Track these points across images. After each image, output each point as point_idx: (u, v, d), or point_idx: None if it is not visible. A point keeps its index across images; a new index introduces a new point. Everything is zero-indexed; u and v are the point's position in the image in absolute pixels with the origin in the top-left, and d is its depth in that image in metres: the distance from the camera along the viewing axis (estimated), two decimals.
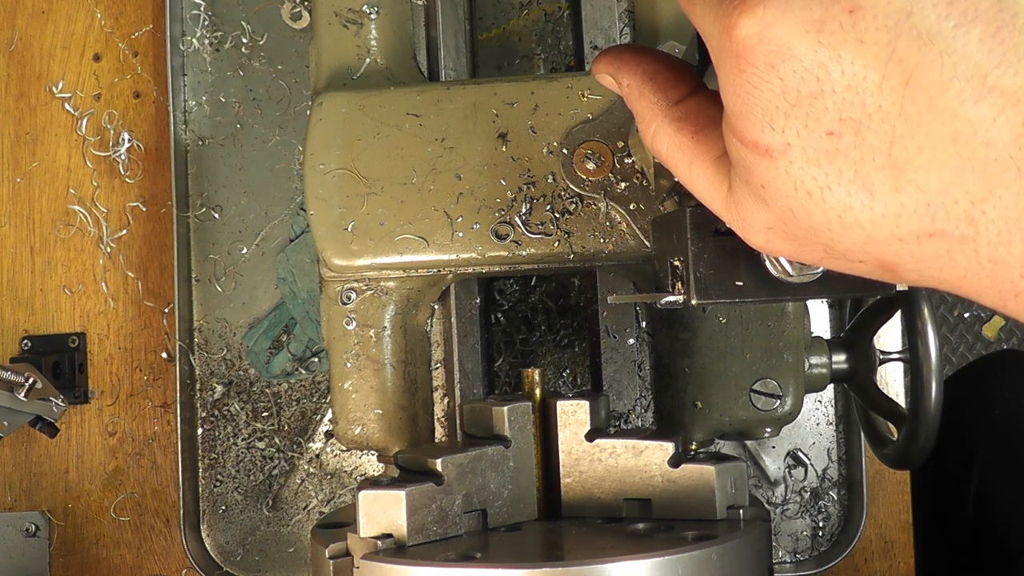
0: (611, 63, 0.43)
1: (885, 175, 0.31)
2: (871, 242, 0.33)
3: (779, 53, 0.31)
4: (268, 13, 0.93)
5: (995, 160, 0.30)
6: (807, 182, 0.32)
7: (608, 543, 0.53)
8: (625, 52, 0.42)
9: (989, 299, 0.33)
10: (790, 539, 0.87)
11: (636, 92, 0.41)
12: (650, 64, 0.41)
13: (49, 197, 0.94)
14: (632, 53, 0.42)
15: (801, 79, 0.31)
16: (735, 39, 0.31)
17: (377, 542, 0.52)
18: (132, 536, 0.92)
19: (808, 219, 0.33)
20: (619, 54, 0.43)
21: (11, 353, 0.94)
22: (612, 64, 0.43)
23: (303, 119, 0.91)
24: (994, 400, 0.95)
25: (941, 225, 0.31)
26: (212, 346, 0.91)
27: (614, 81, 0.43)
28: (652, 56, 0.42)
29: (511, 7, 0.89)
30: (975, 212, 0.31)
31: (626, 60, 0.42)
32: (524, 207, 0.63)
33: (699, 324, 0.67)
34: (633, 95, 0.41)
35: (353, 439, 0.69)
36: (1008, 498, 0.89)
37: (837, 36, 0.30)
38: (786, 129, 0.32)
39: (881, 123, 0.31)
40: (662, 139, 0.40)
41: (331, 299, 0.68)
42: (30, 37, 0.95)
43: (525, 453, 0.59)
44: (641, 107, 0.41)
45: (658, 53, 0.42)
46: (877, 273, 0.35)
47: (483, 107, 0.64)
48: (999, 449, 0.92)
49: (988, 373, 0.99)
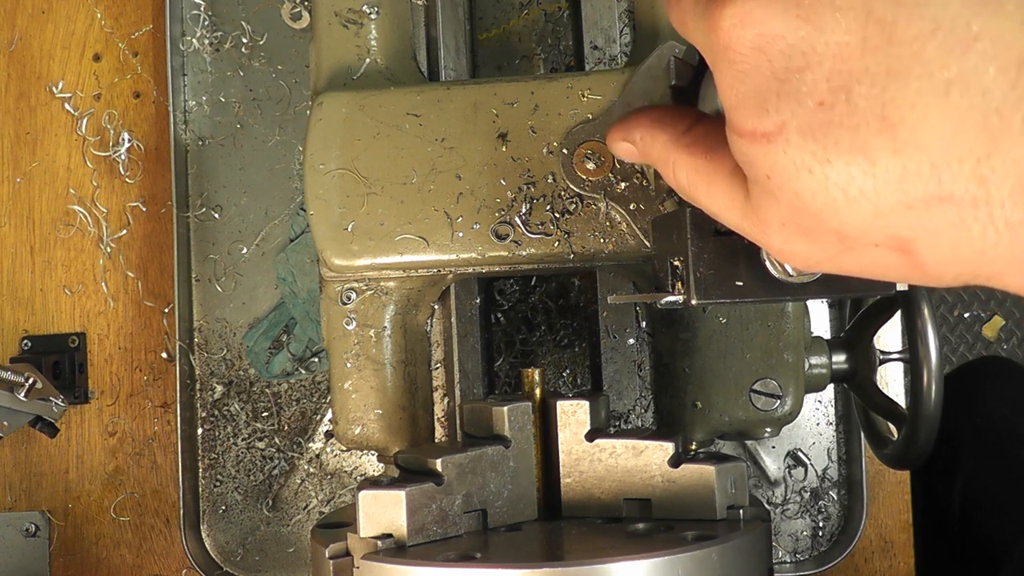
0: (621, 128, 0.46)
1: (882, 138, 0.31)
2: (879, 214, 0.32)
3: (763, 35, 0.32)
4: (268, 13, 0.93)
5: (996, 111, 0.29)
6: (806, 158, 0.32)
7: (608, 543, 0.53)
8: (629, 115, 0.46)
9: (1012, 279, 0.32)
10: (790, 539, 0.87)
11: (649, 139, 0.43)
12: (653, 111, 0.44)
13: (49, 197, 0.94)
14: (635, 112, 0.45)
15: (788, 56, 0.31)
16: (721, 32, 0.33)
17: (377, 542, 0.52)
18: (132, 536, 0.92)
19: (813, 201, 0.33)
20: (625, 120, 0.46)
21: (11, 353, 0.94)
22: (622, 129, 0.46)
23: (303, 119, 0.91)
24: (977, 406, 0.95)
25: (948, 187, 0.30)
26: (212, 346, 0.91)
27: (630, 146, 0.45)
28: (653, 107, 0.45)
29: (511, 7, 0.89)
30: (982, 170, 0.30)
31: (632, 119, 0.45)
32: (524, 207, 0.63)
33: (699, 324, 0.67)
34: (648, 144, 0.44)
35: (353, 439, 0.69)
36: (991, 502, 0.90)
37: (814, 8, 0.30)
38: (780, 108, 0.32)
39: (871, 86, 0.30)
40: (681, 170, 0.41)
41: (331, 299, 0.68)
42: (30, 37, 0.95)
43: (525, 453, 0.59)
44: (657, 151, 0.43)
45: (657, 106, 0.46)
46: (895, 259, 0.34)
47: (483, 107, 0.64)
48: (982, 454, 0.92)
49: (971, 380, 1.00)
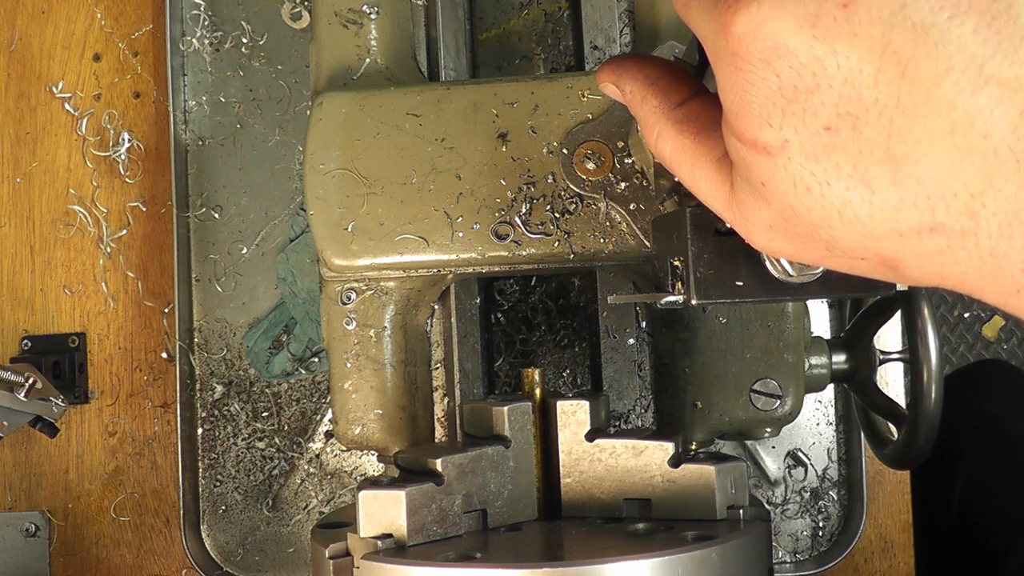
0: (613, 71, 0.43)
1: (883, 169, 0.31)
2: (871, 237, 0.33)
3: (774, 49, 0.31)
4: (268, 13, 0.93)
5: (994, 152, 0.30)
6: (806, 178, 0.32)
7: (608, 543, 0.53)
8: (627, 60, 0.43)
9: (990, 296, 0.33)
10: (790, 539, 0.87)
11: (639, 98, 0.42)
12: (651, 70, 0.42)
13: (49, 197, 0.94)
14: (633, 60, 0.43)
15: (797, 74, 0.31)
16: (731, 37, 0.32)
17: (377, 542, 0.52)
18: (132, 536, 0.92)
19: (808, 216, 0.33)
20: (621, 62, 0.43)
21: (11, 353, 0.94)
22: (614, 72, 0.43)
23: (303, 119, 0.91)
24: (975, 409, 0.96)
25: (941, 219, 0.31)
26: (212, 346, 0.91)
27: (617, 89, 0.43)
28: (653, 62, 0.42)
29: (511, 7, 0.89)
30: (975, 205, 0.31)
31: (628, 67, 0.43)
32: (524, 207, 0.63)
33: (699, 324, 0.67)
34: (636, 101, 0.42)
35: (353, 439, 0.69)
36: (990, 503, 0.90)
37: (831, 30, 0.30)
38: (783, 125, 0.32)
39: (878, 116, 0.30)
40: (665, 142, 0.40)
41: (331, 299, 0.68)
42: (30, 37, 0.95)
43: (525, 453, 0.59)
44: (644, 112, 0.41)
45: (659, 60, 0.43)
46: (879, 271, 0.35)
47: (483, 107, 0.64)
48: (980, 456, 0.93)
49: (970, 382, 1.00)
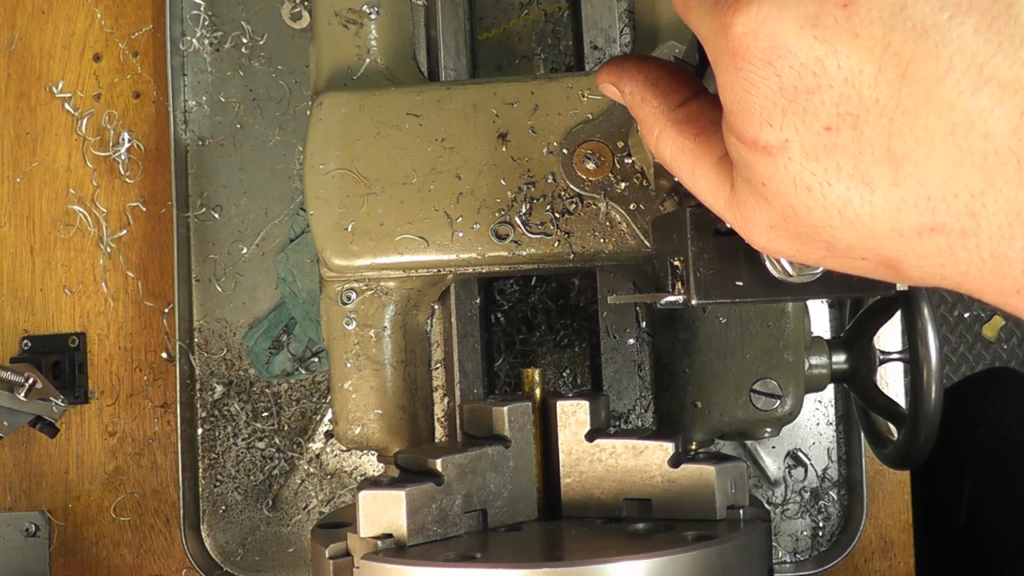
0: (613, 72, 0.43)
1: (884, 169, 0.31)
2: (872, 237, 0.33)
3: (775, 49, 0.31)
4: (268, 13, 0.93)
5: (994, 152, 0.30)
6: (806, 178, 0.32)
7: (608, 543, 0.53)
8: (627, 61, 0.43)
9: (991, 296, 0.33)
10: (790, 539, 0.87)
11: (639, 98, 0.42)
12: (651, 70, 0.42)
13: (49, 197, 0.94)
14: (633, 61, 0.43)
15: (797, 74, 0.31)
16: (731, 37, 0.32)
17: (377, 542, 0.52)
18: (132, 536, 0.92)
19: (809, 216, 0.33)
20: (621, 63, 0.43)
21: (11, 353, 0.94)
22: (614, 73, 0.43)
23: (303, 119, 0.91)
24: (982, 418, 0.96)
25: (942, 219, 0.31)
26: (212, 346, 0.91)
27: (617, 90, 0.43)
28: (653, 63, 0.42)
29: (511, 7, 0.89)
30: (975, 205, 0.31)
31: (628, 68, 0.43)
32: (524, 207, 0.63)
33: (699, 324, 0.67)
34: (636, 101, 0.42)
35: (353, 439, 0.69)
36: (997, 512, 0.90)
37: (832, 30, 0.30)
38: (784, 125, 0.32)
39: (879, 116, 0.30)
40: (665, 143, 0.40)
41: (331, 299, 0.68)
42: (30, 37, 0.95)
43: (525, 453, 0.59)
44: (644, 113, 0.41)
45: (659, 60, 0.43)
46: (880, 271, 0.35)
47: (483, 107, 0.64)
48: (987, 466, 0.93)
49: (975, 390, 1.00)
